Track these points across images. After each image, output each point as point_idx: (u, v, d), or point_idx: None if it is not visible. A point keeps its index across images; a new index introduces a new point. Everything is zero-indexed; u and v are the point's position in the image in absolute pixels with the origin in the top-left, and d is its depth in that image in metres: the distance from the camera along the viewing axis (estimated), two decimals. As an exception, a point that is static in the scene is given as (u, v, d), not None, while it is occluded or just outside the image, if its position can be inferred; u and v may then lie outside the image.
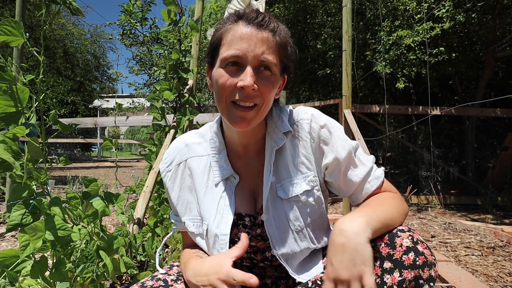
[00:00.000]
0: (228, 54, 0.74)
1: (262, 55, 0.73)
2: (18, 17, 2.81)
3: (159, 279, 0.82)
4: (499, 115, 5.01)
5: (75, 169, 9.61)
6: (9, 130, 1.07)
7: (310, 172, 0.85)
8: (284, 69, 0.82)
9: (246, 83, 0.72)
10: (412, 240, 0.69)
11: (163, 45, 2.55)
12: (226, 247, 0.80)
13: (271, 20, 0.77)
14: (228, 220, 0.82)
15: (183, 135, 0.94)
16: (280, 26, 0.79)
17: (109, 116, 5.52)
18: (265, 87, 0.75)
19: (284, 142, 0.85)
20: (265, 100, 0.76)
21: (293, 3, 5.76)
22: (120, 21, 6.73)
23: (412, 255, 0.67)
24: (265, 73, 0.75)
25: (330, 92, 6.78)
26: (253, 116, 0.76)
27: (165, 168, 0.90)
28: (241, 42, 0.73)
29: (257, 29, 0.74)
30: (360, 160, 0.86)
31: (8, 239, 2.71)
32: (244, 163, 0.88)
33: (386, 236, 0.71)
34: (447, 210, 4.34)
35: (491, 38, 4.60)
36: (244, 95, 0.74)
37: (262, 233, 0.84)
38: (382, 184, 0.86)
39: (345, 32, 3.14)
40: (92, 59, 15.63)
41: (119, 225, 1.79)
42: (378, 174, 0.86)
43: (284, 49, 0.79)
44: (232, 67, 0.75)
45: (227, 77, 0.74)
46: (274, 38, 0.76)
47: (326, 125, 0.86)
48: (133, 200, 2.29)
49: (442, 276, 1.86)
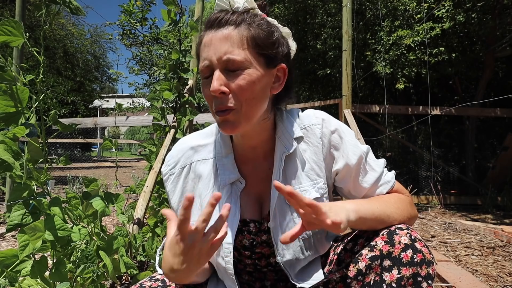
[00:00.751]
0: (200, 67, 0.74)
1: (225, 55, 0.69)
2: (18, 17, 2.82)
3: (158, 279, 0.81)
4: (499, 115, 5.01)
5: (75, 169, 9.61)
6: (9, 130, 1.07)
7: (320, 179, 0.82)
8: (270, 60, 0.74)
9: (212, 89, 0.69)
10: (410, 238, 0.69)
11: (163, 45, 2.56)
12: (230, 255, 0.78)
13: (234, 14, 0.72)
14: (233, 227, 0.79)
15: (187, 137, 0.90)
16: (251, 15, 0.73)
17: (109, 116, 5.52)
18: (236, 87, 0.70)
19: (295, 147, 0.81)
20: (242, 99, 0.71)
21: (293, 3, 5.76)
22: (120, 21, 6.73)
23: (410, 252, 0.67)
24: (236, 72, 0.70)
25: (330, 92, 6.78)
26: (234, 119, 0.72)
27: (168, 171, 0.86)
28: (205, 50, 0.72)
29: (216, 30, 0.71)
30: (370, 166, 0.84)
31: (8, 239, 2.71)
32: (251, 167, 0.85)
33: (385, 234, 0.71)
34: (447, 210, 4.34)
35: (491, 38, 4.60)
36: (218, 102, 0.71)
37: (268, 240, 0.83)
38: (393, 188, 0.85)
39: (345, 32, 3.14)
40: (92, 59, 15.64)
41: (119, 225, 1.80)
42: (388, 178, 0.85)
43: (260, 39, 0.72)
44: (206, 79, 0.74)
45: (206, 88, 0.73)
46: (239, 31, 0.71)
47: (337, 130, 0.82)
48: (133, 200, 2.29)
49: (442, 276, 1.86)
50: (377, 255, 0.69)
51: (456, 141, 6.30)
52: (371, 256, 0.70)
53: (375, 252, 0.70)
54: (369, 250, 0.71)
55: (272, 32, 0.75)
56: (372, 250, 0.71)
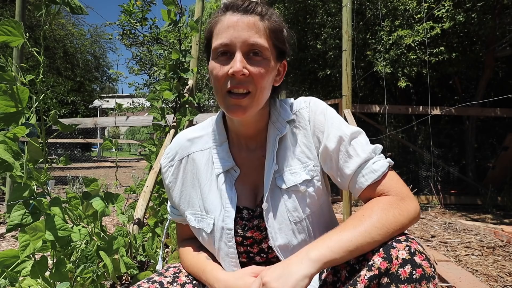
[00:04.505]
0: (217, 44, 0.75)
1: (250, 39, 0.73)
2: (18, 17, 2.82)
3: (155, 281, 0.82)
4: (499, 115, 5.01)
5: (75, 169, 9.61)
6: (9, 130, 1.07)
7: (310, 162, 0.83)
8: (281, 55, 0.81)
9: (235, 69, 0.71)
10: (409, 251, 0.65)
11: (163, 45, 2.55)
12: (233, 240, 0.82)
13: (258, 5, 0.76)
14: (231, 214, 0.82)
15: (185, 130, 0.94)
16: (270, 10, 0.78)
17: (109, 116, 5.52)
18: (257, 73, 0.74)
19: (287, 130, 0.84)
20: (258, 86, 0.75)
21: (293, 3, 5.76)
22: (120, 21, 6.73)
23: (408, 268, 0.63)
24: (256, 58, 0.74)
25: (330, 92, 6.77)
26: (247, 103, 0.75)
27: (167, 163, 0.90)
28: (228, 30, 0.74)
29: (243, 15, 0.74)
30: (355, 150, 0.78)
31: (8, 239, 2.71)
32: (245, 156, 0.88)
33: (381, 249, 0.67)
34: (447, 210, 4.34)
35: (491, 38, 4.60)
36: (236, 82, 0.73)
37: (259, 224, 0.84)
38: (381, 180, 0.76)
39: (345, 32, 3.13)
40: (92, 59, 15.63)
41: (119, 225, 1.79)
42: (376, 167, 0.77)
43: (276, 33, 0.77)
44: (222, 57, 0.75)
45: (219, 68, 0.75)
46: (263, 22, 0.75)
47: (322, 112, 0.84)
48: (133, 200, 2.29)
49: (442, 276, 1.86)
50: (376, 274, 0.66)
51: (456, 141, 6.30)
52: (370, 276, 0.66)
53: (373, 271, 0.66)
54: (367, 269, 0.67)
55: (285, 29, 0.81)
56: (370, 270, 0.66)
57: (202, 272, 0.84)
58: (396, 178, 0.78)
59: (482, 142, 6.42)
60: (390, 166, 0.79)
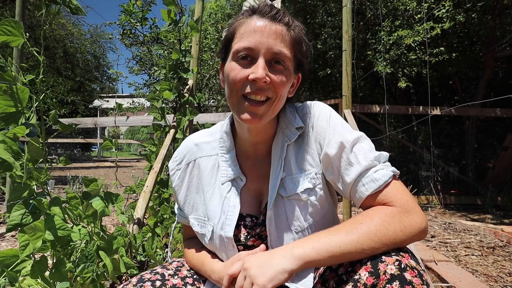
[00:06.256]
0: (240, 46, 0.73)
1: (275, 47, 0.72)
2: (18, 17, 2.81)
3: (157, 272, 0.83)
4: (499, 115, 5.01)
5: (75, 169, 9.61)
6: (9, 130, 1.07)
7: (312, 169, 0.81)
8: (299, 66, 0.81)
9: (258, 75, 0.70)
10: (399, 266, 0.60)
11: (163, 45, 2.55)
12: (234, 249, 0.81)
13: (285, 14, 0.76)
14: (232, 222, 0.81)
15: (194, 134, 0.93)
16: (295, 22, 0.78)
17: (109, 116, 5.52)
18: (278, 81, 0.73)
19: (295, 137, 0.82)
20: (278, 94, 0.74)
21: (293, 3, 5.76)
22: (120, 21, 6.73)
23: (396, 284, 0.58)
24: (278, 67, 0.74)
25: (330, 92, 6.78)
26: (264, 111, 0.74)
27: (175, 167, 0.90)
28: (254, 34, 0.72)
29: (270, 22, 0.73)
30: (356, 157, 0.74)
31: (8, 239, 2.71)
32: (252, 164, 0.87)
33: (368, 263, 0.62)
34: (447, 210, 4.34)
35: (491, 38, 4.60)
36: (256, 88, 0.72)
37: (261, 232, 0.84)
38: (383, 189, 0.71)
39: (345, 32, 3.13)
40: (92, 59, 15.63)
41: (119, 225, 1.79)
42: (377, 176, 0.72)
43: (299, 45, 0.78)
44: (243, 60, 0.73)
45: (239, 70, 0.73)
46: (289, 32, 0.75)
47: (324, 118, 0.82)
48: (133, 200, 2.29)
49: (442, 276, 1.86)
50: None
51: (456, 141, 6.30)
52: None
53: (359, 286, 0.61)
54: (352, 285, 0.62)
55: (306, 42, 0.80)
56: (355, 286, 0.62)
57: (201, 265, 0.86)
58: (401, 188, 0.72)
59: (482, 142, 6.42)
60: (395, 175, 0.74)
